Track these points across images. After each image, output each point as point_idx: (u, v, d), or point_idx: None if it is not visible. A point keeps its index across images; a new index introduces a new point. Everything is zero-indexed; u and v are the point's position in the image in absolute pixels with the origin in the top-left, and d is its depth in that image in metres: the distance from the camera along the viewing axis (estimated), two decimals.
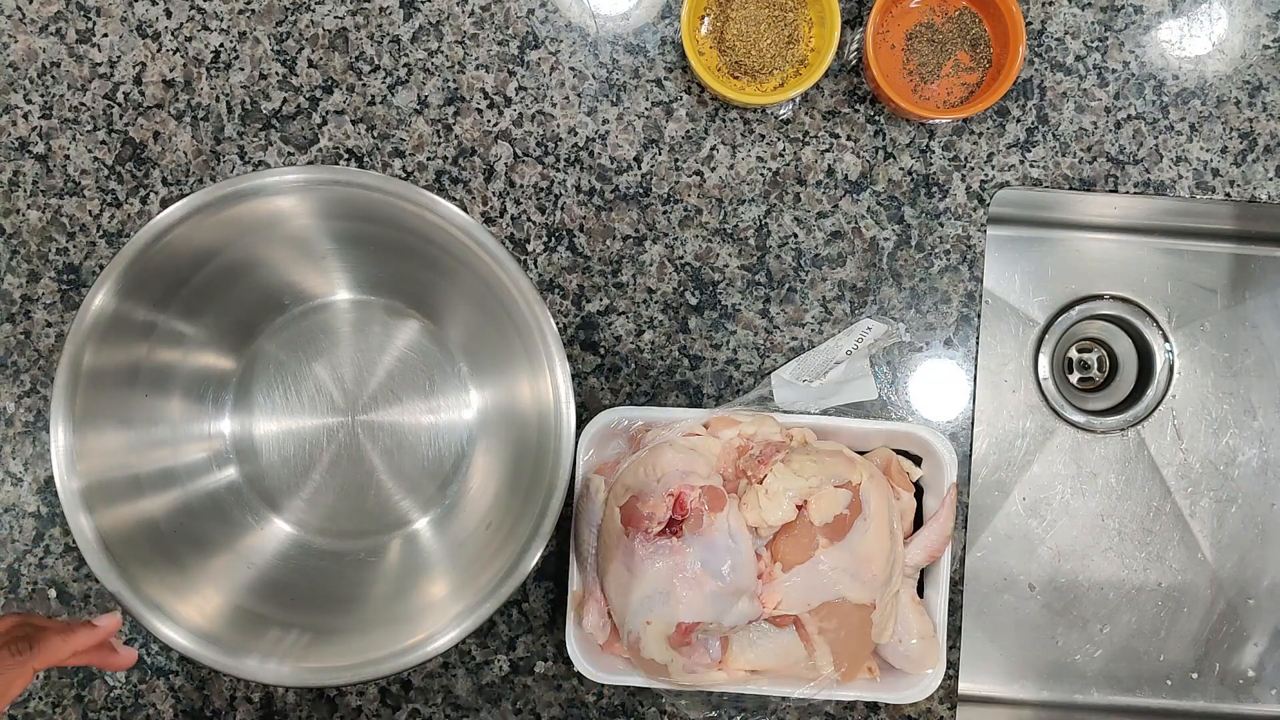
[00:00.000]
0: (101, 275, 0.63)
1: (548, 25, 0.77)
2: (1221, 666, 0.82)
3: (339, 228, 0.69)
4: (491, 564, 0.65)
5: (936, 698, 0.75)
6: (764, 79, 0.75)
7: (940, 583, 0.71)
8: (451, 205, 0.64)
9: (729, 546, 0.66)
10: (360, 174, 0.64)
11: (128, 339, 0.66)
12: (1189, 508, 0.83)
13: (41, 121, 0.77)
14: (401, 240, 0.68)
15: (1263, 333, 0.83)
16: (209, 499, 0.73)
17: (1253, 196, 0.77)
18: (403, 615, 0.67)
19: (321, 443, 0.75)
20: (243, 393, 0.75)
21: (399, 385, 0.75)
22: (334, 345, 0.75)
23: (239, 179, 0.64)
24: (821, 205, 0.77)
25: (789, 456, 0.67)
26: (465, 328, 0.74)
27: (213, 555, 0.70)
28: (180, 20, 0.77)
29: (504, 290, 0.65)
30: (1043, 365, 0.83)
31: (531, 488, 0.66)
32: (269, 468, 0.75)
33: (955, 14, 0.76)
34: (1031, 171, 0.77)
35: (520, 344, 0.67)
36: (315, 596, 0.71)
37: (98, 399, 0.65)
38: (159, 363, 0.70)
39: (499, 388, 0.73)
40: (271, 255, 0.70)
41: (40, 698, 0.77)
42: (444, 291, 0.72)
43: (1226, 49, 0.77)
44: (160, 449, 0.70)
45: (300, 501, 0.75)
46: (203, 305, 0.70)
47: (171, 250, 0.64)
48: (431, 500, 0.75)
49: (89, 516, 0.63)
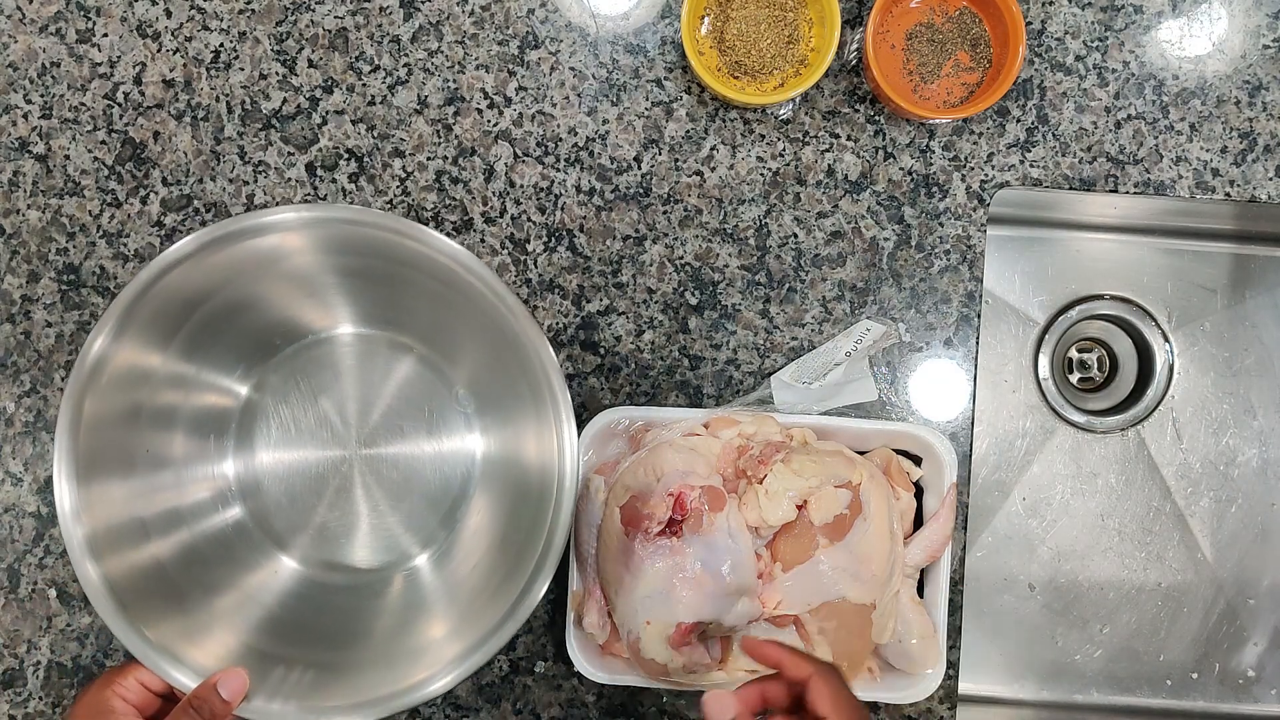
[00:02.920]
0: (99, 321, 0.63)
1: (548, 25, 0.77)
2: (1221, 666, 0.82)
3: (341, 263, 0.68)
4: (489, 607, 0.64)
5: (936, 698, 0.75)
6: (764, 79, 0.75)
7: (940, 583, 0.71)
8: (466, 251, 0.63)
9: (729, 546, 0.66)
10: (363, 212, 0.64)
11: (128, 384, 0.66)
12: (1189, 508, 0.83)
13: (41, 121, 0.77)
14: (405, 275, 0.67)
15: (1263, 333, 0.83)
16: (215, 538, 0.72)
17: (1253, 196, 0.77)
18: (404, 653, 0.67)
19: (325, 477, 0.74)
20: (245, 430, 0.74)
21: (402, 419, 0.74)
22: (337, 379, 0.75)
23: (238, 219, 0.63)
24: (821, 205, 0.77)
25: (789, 456, 0.67)
26: (472, 367, 0.73)
27: (220, 595, 0.69)
28: (180, 20, 0.77)
29: (514, 338, 0.64)
30: (1043, 365, 0.83)
31: (527, 542, 0.65)
32: (274, 505, 0.74)
33: (955, 14, 0.76)
34: (1031, 171, 0.77)
35: (529, 394, 0.66)
36: (319, 633, 0.71)
37: (100, 448, 0.64)
38: (160, 405, 0.69)
39: (504, 433, 0.73)
40: (272, 292, 0.70)
41: (40, 698, 0.77)
42: (451, 328, 0.71)
43: (1226, 49, 0.77)
44: (164, 492, 0.70)
45: (305, 537, 0.74)
46: (203, 344, 0.69)
47: (169, 292, 0.64)
48: (433, 536, 0.74)
49: (96, 565, 0.63)
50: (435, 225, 0.77)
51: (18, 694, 0.77)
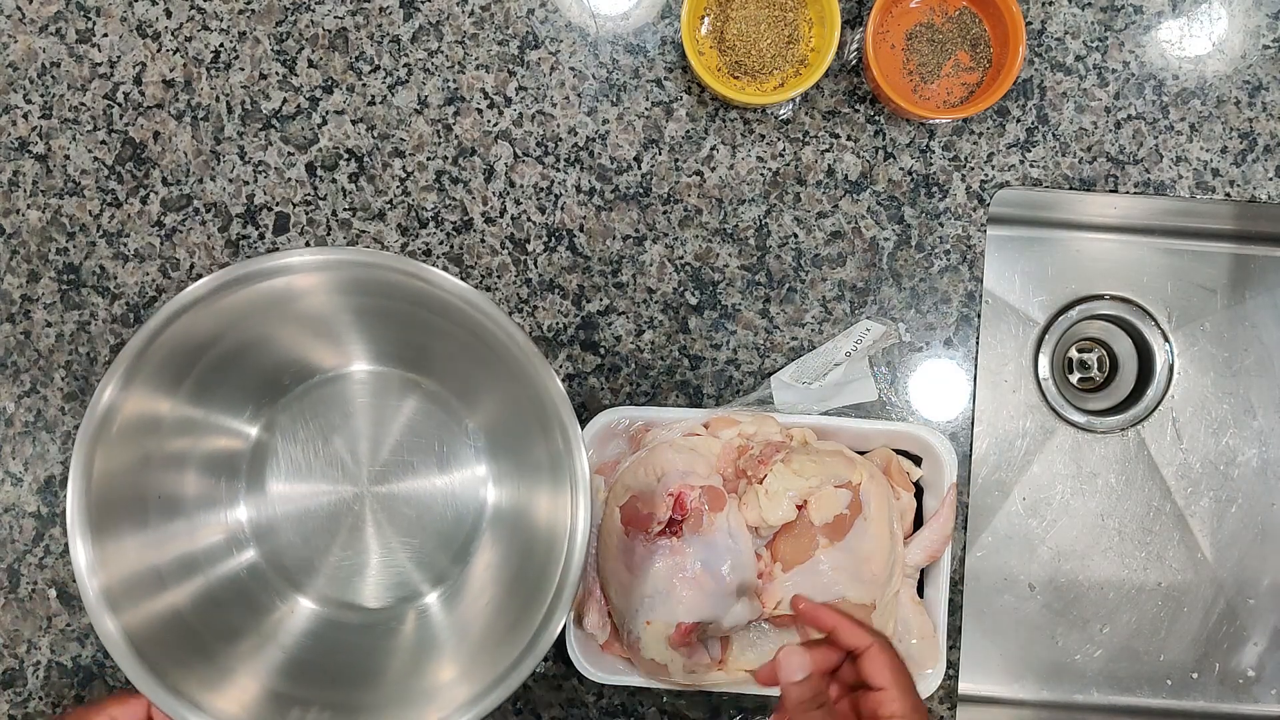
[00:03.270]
0: (109, 370, 0.62)
1: (548, 25, 0.77)
2: (1221, 666, 0.82)
3: (358, 303, 0.67)
4: (500, 648, 0.64)
5: (936, 698, 0.75)
6: (764, 79, 0.75)
7: (940, 583, 0.71)
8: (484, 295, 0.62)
9: (729, 546, 0.66)
10: (380, 256, 0.63)
11: (138, 433, 0.65)
12: (1189, 508, 0.83)
13: (41, 121, 0.77)
14: (423, 316, 0.66)
15: (1263, 333, 0.83)
16: (230, 582, 0.71)
17: (1253, 196, 0.77)
18: (417, 694, 0.66)
19: (338, 516, 0.74)
20: (256, 471, 0.74)
21: (413, 456, 0.74)
22: (347, 418, 0.74)
23: (246, 263, 0.62)
24: (821, 205, 0.77)
25: (789, 456, 0.67)
26: (489, 412, 0.73)
27: (237, 639, 0.69)
28: (180, 20, 0.77)
29: (533, 389, 0.63)
30: (1043, 365, 0.83)
31: (537, 588, 0.64)
32: (287, 545, 0.74)
33: (955, 14, 0.76)
34: (1031, 171, 0.77)
35: (545, 451, 0.65)
36: (335, 673, 0.70)
37: (112, 500, 0.64)
38: (171, 451, 0.68)
39: (516, 485, 0.72)
40: (282, 332, 0.69)
41: (40, 698, 0.77)
42: (468, 371, 0.71)
43: (1226, 49, 0.77)
44: (178, 539, 0.69)
45: (319, 577, 0.74)
46: (212, 387, 0.69)
47: (178, 338, 0.63)
48: (445, 573, 0.74)
49: (115, 618, 0.62)
50: (435, 225, 0.77)
51: (18, 694, 0.77)
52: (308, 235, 0.77)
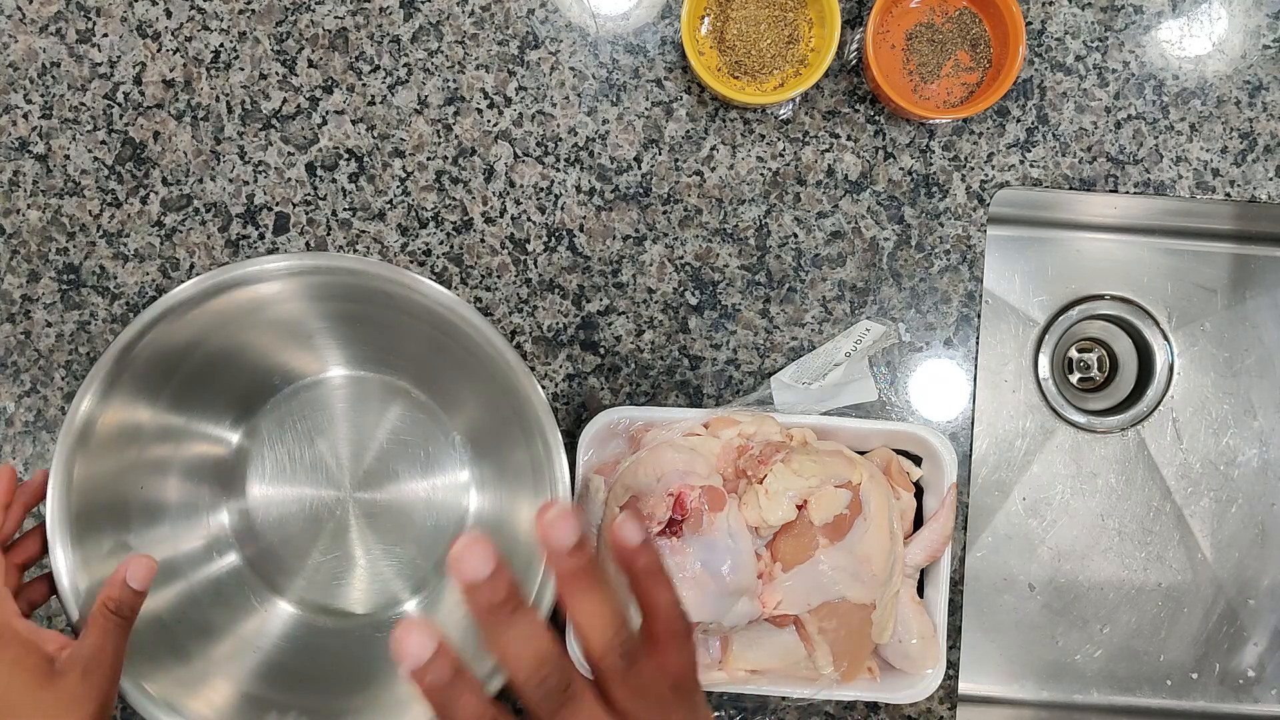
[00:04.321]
0: (84, 382, 0.63)
1: (548, 25, 0.77)
2: (1221, 666, 0.82)
3: (330, 308, 0.68)
4: (476, 658, 0.64)
5: (936, 698, 0.75)
6: (764, 79, 0.75)
7: (940, 583, 0.71)
8: (463, 301, 0.62)
9: (729, 546, 0.66)
10: (347, 260, 0.63)
11: (118, 442, 0.65)
12: (1189, 508, 0.83)
13: (41, 121, 0.77)
14: (399, 320, 0.67)
15: (1263, 333, 0.83)
16: (211, 586, 0.72)
17: (1253, 196, 0.77)
18: (394, 701, 0.66)
19: (320, 520, 0.74)
20: (238, 477, 0.74)
21: (397, 462, 0.74)
22: (330, 423, 0.74)
23: (219, 271, 0.63)
24: (821, 205, 0.77)
25: (789, 456, 0.67)
26: (469, 415, 0.73)
27: (217, 641, 0.69)
28: (180, 20, 0.77)
29: (513, 393, 0.63)
30: (1043, 365, 0.83)
31: None
32: (269, 549, 0.74)
33: (955, 14, 0.76)
34: (1031, 171, 0.77)
35: (526, 457, 0.65)
36: (314, 679, 0.70)
37: (93, 508, 0.64)
38: (152, 459, 0.69)
39: (498, 492, 0.72)
40: (259, 340, 0.69)
41: None
42: (447, 374, 0.71)
43: (1226, 49, 0.77)
44: (160, 545, 0.69)
45: (301, 580, 0.74)
46: (192, 395, 0.69)
47: (155, 347, 0.64)
48: (425, 581, 0.74)
49: None
50: (435, 225, 0.77)
51: None
52: (308, 235, 0.77)
